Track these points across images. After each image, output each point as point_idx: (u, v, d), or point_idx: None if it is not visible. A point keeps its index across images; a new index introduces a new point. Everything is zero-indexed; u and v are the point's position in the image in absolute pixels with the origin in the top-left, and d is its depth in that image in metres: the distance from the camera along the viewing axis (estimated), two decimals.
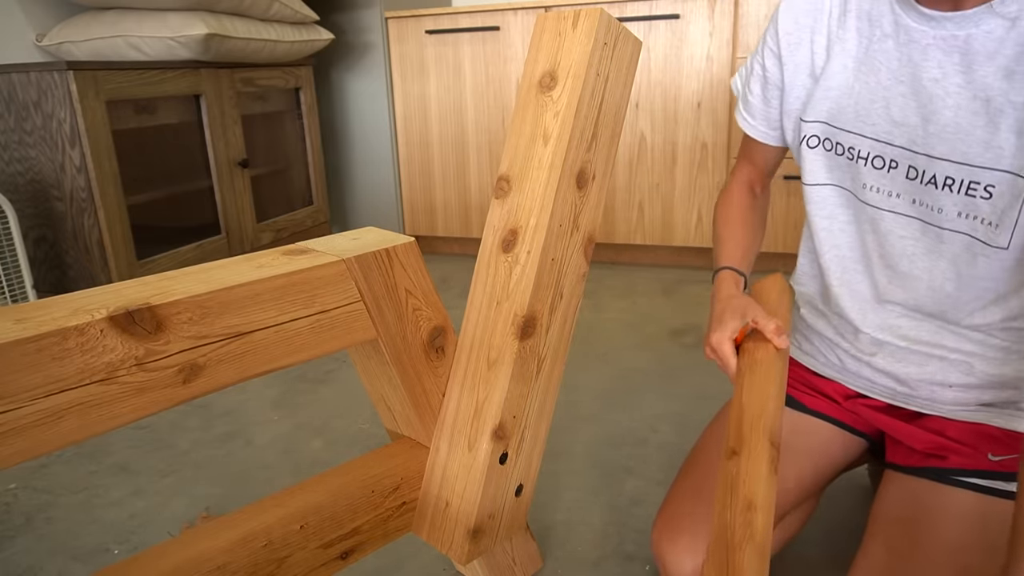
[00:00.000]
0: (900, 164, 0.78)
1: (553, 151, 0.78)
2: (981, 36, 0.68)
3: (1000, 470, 0.79)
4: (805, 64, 0.85)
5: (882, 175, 0.80)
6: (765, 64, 0.90)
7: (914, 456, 0.87)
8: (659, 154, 2.37)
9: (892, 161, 0.78)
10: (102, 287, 0.63)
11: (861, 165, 0.82)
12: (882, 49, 0.76)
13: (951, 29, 0.70)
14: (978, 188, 0.72)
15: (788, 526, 0.95)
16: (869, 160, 0.80)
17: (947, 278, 0.80)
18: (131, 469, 1.35)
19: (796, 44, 0.85)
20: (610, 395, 1.58)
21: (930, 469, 0.84)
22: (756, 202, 1.03)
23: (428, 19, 2.49)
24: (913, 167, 0.77)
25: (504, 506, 0.88)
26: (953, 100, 0.71)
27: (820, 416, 0.95)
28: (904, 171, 0.78)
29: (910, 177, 0.77)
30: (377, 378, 0.85)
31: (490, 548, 0.90)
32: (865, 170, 0.81)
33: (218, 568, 0.70)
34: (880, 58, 0.77)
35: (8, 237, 1.64)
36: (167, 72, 1.95)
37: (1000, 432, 0.82)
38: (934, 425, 0.87)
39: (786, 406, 0.96)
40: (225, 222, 2.20)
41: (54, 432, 0.56)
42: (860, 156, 0.81)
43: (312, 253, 0.75)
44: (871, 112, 0.79)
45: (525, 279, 0.79)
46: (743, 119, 0.97)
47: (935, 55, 0.72)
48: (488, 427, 0.81)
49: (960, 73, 0.70)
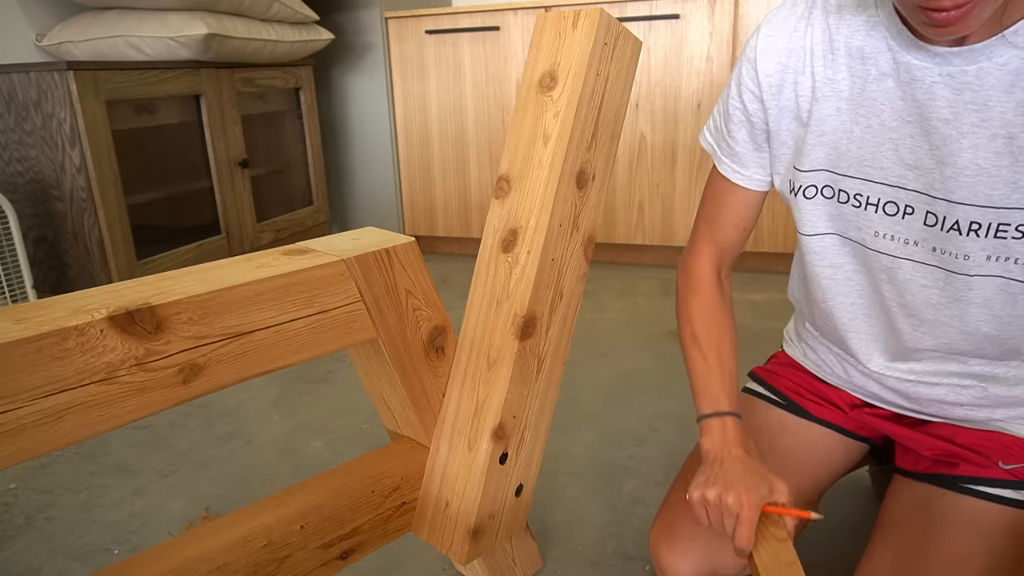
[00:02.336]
0: (916, 210, 0.71)
1: (553, 151, 0.78)
2: (995, 70, 0.63)
3: (1011, 479, 0.78)
4: (790, 108, 0.78)
5: (896, 222, 0.73)
6: (747, 108, 0.81)
7: (923, 462, 0.86)
8: (659, 154, 2.37)
9: (907, 207, 0.72)
10: (102, 287, 0.63)
11: (872, 212, 0.75)
12: (881, 89, 0.70)
13: (959, 64, 0.65)
14: (1009, 229, 0.67)
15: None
16: (880, 207, 0.74)
17: (982, 321, 0.74)
18: (131, 469, 1.35)
19: (779, 86, 0.78)
20: (610, 395, 1.58)
21: (940, 476, 0.82)
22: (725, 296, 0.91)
23: (428, 19, 2.49)
24: (932, 213, 0.70)
25: (504, 506, 0.88)
26: (969, 141, 0.66)
27: (826, 424, 0.95)
28: (922, 217, 0.71)
29: (928, 224, 0.71)
30: (377, 378, 0.85)
31: (490, 548, 0.90)
32: (876, 217, 0.75)
33: (218, 568, 0.70)
34: (880, 98, 0.71)
35: (8, 237, 1.64)
36: (167, 72, 1.95)
37: (1012, 440, 0.81)
38: (943, 432, 0.85)
39: (792, 414, 0.96)
40: (225, 222, 2.20)
41: (54, 432, 0.56)
42: (870, 203, 0.75)
43: (312, 253, 0.75)
44: (877, 156, 0.72)
45: (525, 279, 0.79)
46: (732, 171, 0.86)
47: (943, 94, 0.66)
48: (488, 427, 0.81)
49: (974, 112, 0.65)
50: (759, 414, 0.97)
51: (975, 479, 0.80)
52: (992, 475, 0.79)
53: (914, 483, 0.85)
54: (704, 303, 0.88)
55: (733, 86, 0.83)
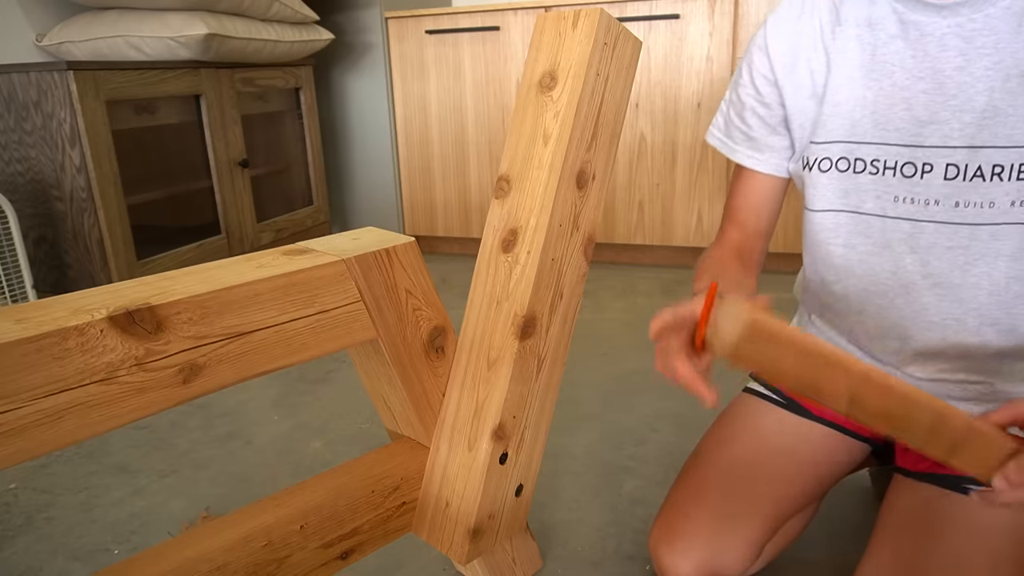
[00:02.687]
0: (936, 167, 0.73)
1: (553, 151, 0.78)
2: (1000, 13, 0.66)
3: None
4: (805, 86, 0.81)
5: (915, 183, 0.75)
6: (761, 92, 0.84)
7: (924, 462, 0.86)
8: (659, 154, 2.37)
9: (926, 165, 0.73)
10: (102, 287, 0.63)
11: (890, 176, 0.76)
12: (891, 51, 0.73)
13: (966, 14, 0.67)
14: None
15: (788, 531, 0.95)
16: (898, 169, 0.75)
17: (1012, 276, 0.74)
18: (131, 469, 1.35)
19: (792, 66, 0.81)
20: (610, 395, 1.58)
21: (940, 476, 0.83)
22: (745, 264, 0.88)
23: (428, 19, 2.49)
24: (953, 165, 0.72)
25: (504, 506, 0.88)
26: (984, 84, 0.68)
27: (826, 423, 0.95)
28: (942, 172, 0.73)
29: (949, 177, 0.72)
30: (377, 378, 0.85)
31: (490, 548, 0.90)
32: (895, 181, 0.76)
33: (218, 568, 0.70)
34: (891, 60, 0.73)
35: (8, 237, 1.64)
36: (167, 72, 1.95)
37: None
38: None
39: (791, 411, 0.96)
40: (225, 222, 2.20)
41: (54, 432, 0.56)
42: (887, 167, 0.76)
43: (312, 253, 0.75)
44: (892, 118, 0.74)
45: (525, 279, 0.79)
46: (748, 157, 0.88)
47: (954, 43, 0.69)
48: (488, 427, 0.81)
49: (986, 56, 0.67)
50: (760, 413, 0.97)
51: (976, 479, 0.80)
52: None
53: (914, 483, 0.85)
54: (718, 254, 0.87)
55: (745, 74, 0.84)
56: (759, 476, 0.90)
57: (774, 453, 0.92)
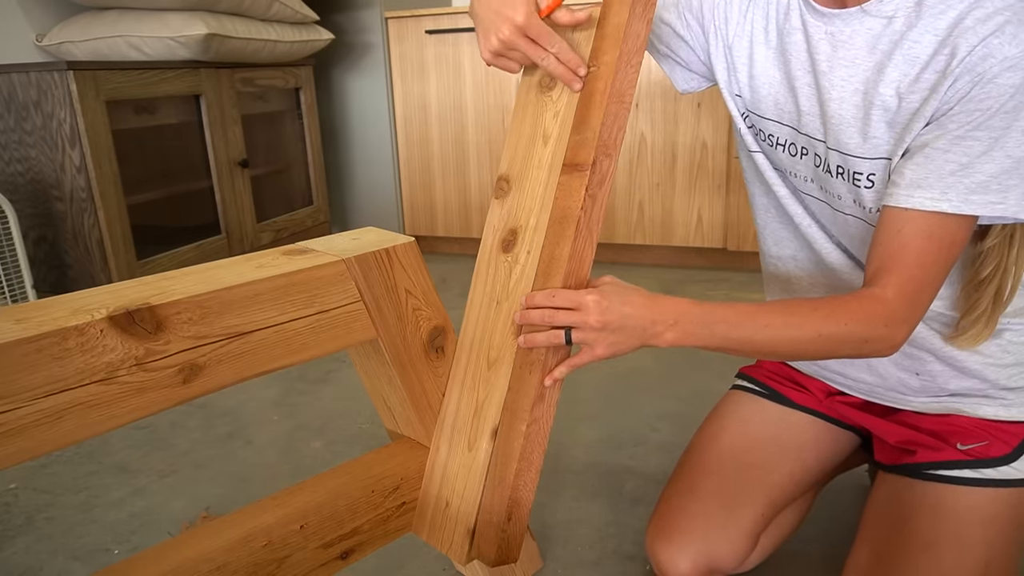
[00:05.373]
0: (809, 152, 0.81)
1: (553, 151, 0.78)
2: (863, 32, 0.72)
3: (967, 458, 0.80)
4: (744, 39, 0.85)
5: (796, 161, 0.83)
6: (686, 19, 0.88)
7: (891, 452, 0.88)
8: (659, 154, 2.37)
9: (803, 148, 0.81)
10: (102, 287, 0.63)
11: (779, 151, 0.84)
12: (793, 41, 0.79)
13: (839, 25, 0.74)
14: (861, 178, 0.75)
15: (783, 524, 0.95)
16: (786, 147, 0.83)
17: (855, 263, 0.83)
18: (131, 469, 1.35)
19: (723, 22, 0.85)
20: (610, 395, 1.58)
21: (904, 466, 0.85)
22: None
23: (428, 19, 2.49)
24: (817, 155, 0.80)
25: None
26: (837, 92, 0.74)
27: (807, 411, 0.96)
28: (812, 159, 0.80)
29: (816, 165, 0.80)
30: (377, 378, 0.85)
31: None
32: (783, 156, 0.84)
33: (218, 568, 0.70)
34: (791, 50, 0.79)
35: (8, 237, 1.64)
36: (167, 72, 1.95)
37: (969, 421, 0.83)
38: (908, 420, 0.88)
39: (774, 402, 0.97)
40: (225, 222, 2.20)
41: (54, 432, 0.56)
42: (778, 143, 0.84)
43: (312, 253, 0.75)
44: (787, 101, 0.81)
45: (525, 279, 0.79)
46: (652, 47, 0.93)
47: (824, 49, 0.75)
48: (488, 427, 0.81)
49: (844, 67, 0.74)
50: (745, 405, 0.99)
51: (933, 464, 0.82)
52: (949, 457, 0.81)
53: (888, 476, 0.87)
54: None
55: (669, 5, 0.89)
56: (747, 466, 0.91)
57: (759, 442, 0.93)
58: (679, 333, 0.73)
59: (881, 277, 0.71)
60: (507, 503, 0.79)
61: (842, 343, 0.71)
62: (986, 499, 0.78)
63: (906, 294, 0.70)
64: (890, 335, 0.71)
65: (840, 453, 0.97)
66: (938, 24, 0.66)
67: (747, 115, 0.87)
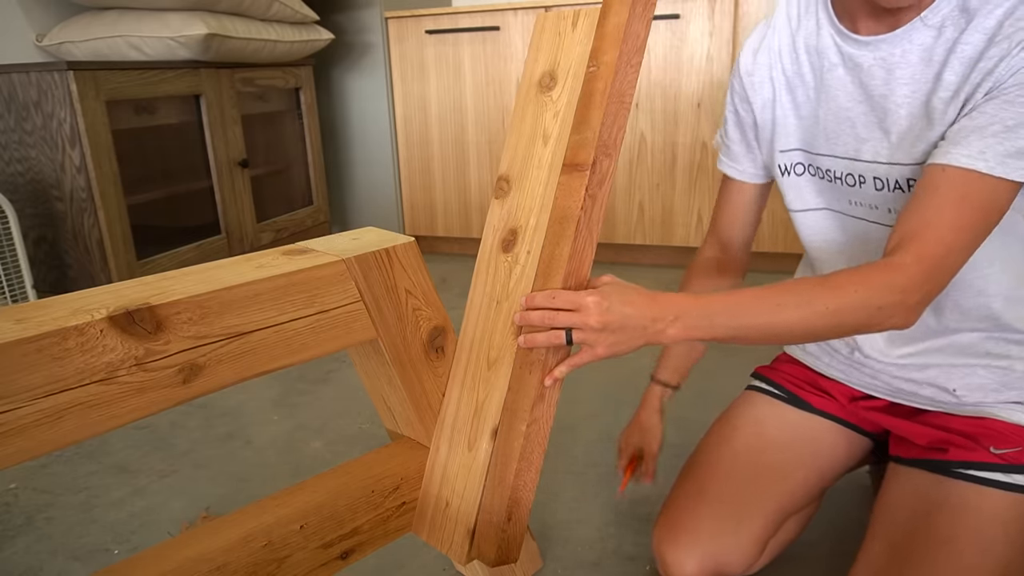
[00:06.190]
0: (867, 179, 0.82)
1: (553, 151, 0.78)
2: (915, 48, 0.75)
3: (1001, 463, 0.79)
4: (768, 100, 0.90)
5: (857, 191, 0.84)
6: (737, 109, 0.94)
7: (915, 449, 0.87)
8: (659, 154, 2.37)
9: (860, 176, 0.83)
10: (102, 287, 0.63)
11: (839, 184, 0.85)
12: (835, 76, 0.82)
13: (886, 49, 0.76)
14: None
15: (789, 529, 0.95)
16: (843, 179, 0.85)
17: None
18: (131, 469, 1.35)
19: (760, 83, 0.90)
20: (610, 394, 1.58)
21: (931, 461, 0.84)
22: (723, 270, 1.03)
23: (428, 19, 2.49)
24: (878, 178, 0.81)
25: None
26: (906, 110, 0.76)
27: (828, 416, 0.95)
28: (872, 184, 0.82)
29: (878, 188, 0.81)
30: (377, 378, 0.85)
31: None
32: (843, 188, 0.85)
33: (218, 568, 0.70)
34: (835, 84, 0.82)
35: (8, 237, 1.64)
36: (167, 72, 1.95)
37: (1003, 426, 0.82)
38: (937, 420, 0.87)
39: (792, 406, 0.96)
40: (225, 222, 2.20)
41: (54, 432, 0.56)
42: (836, 176, 0.85)
43: (312, 253, 0.75)
44: (840, 133, 0.83)
45: (525, 279, 0.79)
46: (726, 165, 0.99)
47: (880, 73, 0.78)
48: (488, 427, 0.81)
49: (904, 85, 0.76)
50: (761, 407, 0.98)
51: (965, 463, 0.81)
52: (982, 459, 0.80)
53: (907, 470, 0.86)
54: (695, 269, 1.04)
55: (728, 95, 0.96)
56: (762, 471, 0.90)
57: (776, 448, 0.92)
58: (681, 328, 0.73)
59: (904, 243, 0.69)
60: (507, 503, 0.79)
61: (853, 313, 0.69)
62: (1011, 503, 0.77)
63: (930, 257, 0.68)
64: (904, 302, 0.69)
65: (853, 458, 0.97)
66: (987, 23, 0.69)
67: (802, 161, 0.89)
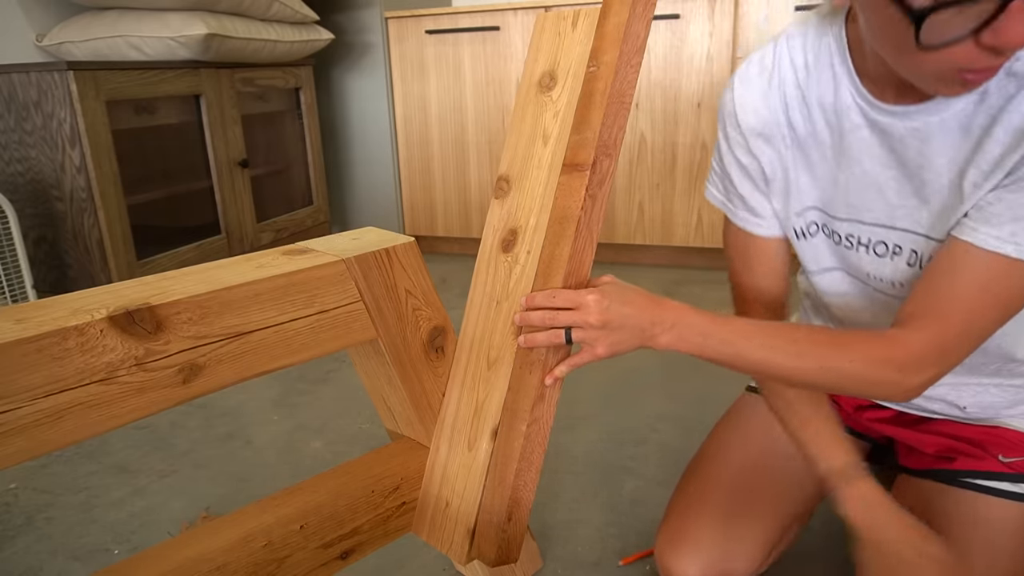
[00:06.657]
0: (904, 248, 0.74)
1: (553, 151, 0.78)
2: (953, 117, 0.67)
3: (1009, 471, 0.79)
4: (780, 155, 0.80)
5: (884, 263, 0.76)
6: (742, 162, 0.82)
7: (924, 459, 0.87)
8: (659, 154, 2.37)
9: (896, 247, 0.75)
10: (102, 287, 0.63)
11: (863, 253, 0.78)
12: (858, 139, 0.73)
13: (922, 118, 0.68)
14: None
15: (791, 534, 0.94)
16: (871, 247, 0.77)
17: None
18: (131, 469, 1.35)
19: (767, 137, 0.79)
20: (610, 395, 1.58)
21: (939, 472, 0.83)
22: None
23: (428, 19, 2.49)
24: (914, 251, 0.74)
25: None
26: (947, 179, 0.69)
27: None
28: (907, 256, 0.74)
29: (910, 263, 0.74)
30: (377, 378, 0.85)
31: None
32: (867, 258, 0.78)
33: (218, 568, 0.70)
34: (858, 147, 0.74)
35: (8, 237, 1.64)
36: (167, 72, 1.95)
37: (1013, 434, 0.82)
38: (945, 428, 0.86)
39: None
40: (225, 222, 2.20)
41: (54, 432, 0.56)
42: (860, 243, 0.78)
43: (312, 253, 0.75)
44: (865, 199, 0.75)
45: (525, 279, 0.79)
46: (752, 224, 0.85)
47: (913, 144, 0.70)
48: (488, 427, 0.81)
49: (941, 155, 0.69)
50: (764, 412, 0.97)
51: (973, 473, 0.80)
52: (990, 468, 0.80)
53: (916, 481, 0.85)
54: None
55: (723, 143, 0.84)
56: (766, 478, 0.90)
57: (780, 455, 0.92)
58: (674, 337, 0.71)
59: (915, 320, 0.66)
60: (507, 503, 0.79)
61: (847, 380, 0.68)
62: (1020, 513, 0.77)
63: (939, 341, 0.64)
64: (901, 383, 0.66)
65: None
66: None
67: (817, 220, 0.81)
